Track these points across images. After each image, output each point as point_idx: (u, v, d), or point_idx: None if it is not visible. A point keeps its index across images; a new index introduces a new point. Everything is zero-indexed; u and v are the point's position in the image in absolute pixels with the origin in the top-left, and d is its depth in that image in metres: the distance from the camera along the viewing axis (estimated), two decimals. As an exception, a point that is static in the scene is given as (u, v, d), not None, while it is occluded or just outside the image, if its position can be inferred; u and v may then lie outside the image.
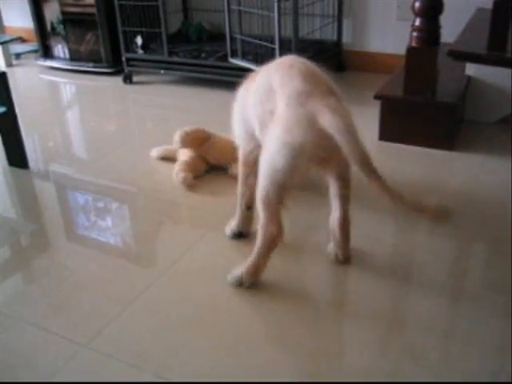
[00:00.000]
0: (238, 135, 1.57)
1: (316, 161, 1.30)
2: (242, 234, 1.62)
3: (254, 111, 1.42)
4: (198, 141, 2.00)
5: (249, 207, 1.58)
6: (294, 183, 1.31)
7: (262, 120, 1.37)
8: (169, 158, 2.10)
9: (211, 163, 2.03)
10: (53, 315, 1.37)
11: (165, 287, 1.45)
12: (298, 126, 1.24)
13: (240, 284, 1.41)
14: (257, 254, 1.38)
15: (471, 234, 1.63)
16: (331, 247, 1.51)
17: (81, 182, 2.04)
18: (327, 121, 1.19)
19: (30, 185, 2.07)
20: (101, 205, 1.88)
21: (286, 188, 1.31)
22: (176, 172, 1.94)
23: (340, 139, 1.17)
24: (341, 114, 1.20)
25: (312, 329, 1.29)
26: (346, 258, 1.49)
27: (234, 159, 1.80)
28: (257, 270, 1.39)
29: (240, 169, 1.58)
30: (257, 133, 1.43)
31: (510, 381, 1.12)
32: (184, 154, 2.00)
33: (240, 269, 1.41)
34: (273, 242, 1.35)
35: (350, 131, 1.18)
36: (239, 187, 1.59)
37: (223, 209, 1.77)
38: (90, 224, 1.76)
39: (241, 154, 1.56)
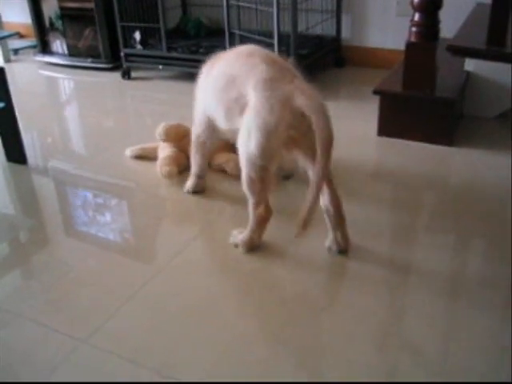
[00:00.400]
0: (195, 114, 1.70)
1: (289, 142, 1.38)
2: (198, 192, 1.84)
3: (217, 100, 1.52)
4: (178, 136, 2.02)
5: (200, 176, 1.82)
6: (273, 165, 1.41)
7: (227, 107, 1.48)
8: (144, 157, 2.11)
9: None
10: (52, 311, 1.37)
11: (164, 282, 1.45)
12: (269, 109, 1.34)
13: (236, 247, 1.55)
14: (250, 230, 1.51)
15: (470, 228, 1.63)
16: (329, 239, 1.51)
17: (79, 177, 2.04)
18: (303, 101, 1.30)
19: (29, 180, 2.07)
20: (99, 200, 1.88)
21: (266, 170, 1.41)
22: (160, 166, 1.94)
23: (315, 118, 1.29)
24: (312, 94, 1.33)
25: (311, 325, 1.29)
26: (345, 242, 1.50)
27: (216, 153, 1.94)
28: (251, 241, 1.52)
29: (192, 147, 1.77)
30: (222, 120, 1.53)
31: (510, 381, 1.12)
32: (165, 149, 2.01)
33: (240, 236, 1.54)
34: (263, 222, 1.49)
35: (322, 111, 1.30)
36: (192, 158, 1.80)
37: (218, 203, 1.79)
38: (89, 219, 1.76)
39: (193, 132, 1.74)
